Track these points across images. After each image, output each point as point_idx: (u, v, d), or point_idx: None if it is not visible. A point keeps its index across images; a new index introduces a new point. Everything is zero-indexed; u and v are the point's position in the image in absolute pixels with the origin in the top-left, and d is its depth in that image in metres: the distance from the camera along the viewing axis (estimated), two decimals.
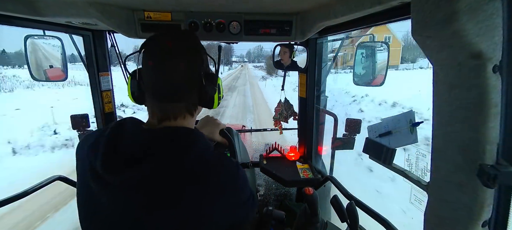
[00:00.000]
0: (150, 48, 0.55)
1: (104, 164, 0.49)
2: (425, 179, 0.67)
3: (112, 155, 0.50)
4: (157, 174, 0.47)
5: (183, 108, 0.57)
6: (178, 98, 0.56)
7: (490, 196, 0.45)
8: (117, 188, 0.48)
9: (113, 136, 0.53)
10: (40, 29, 1.03)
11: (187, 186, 0.48)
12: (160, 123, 0.56)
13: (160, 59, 0.53)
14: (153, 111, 0.57)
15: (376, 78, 1.12)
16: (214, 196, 0.50)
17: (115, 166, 0.48)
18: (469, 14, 0.39)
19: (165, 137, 0.52)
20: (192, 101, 0.59)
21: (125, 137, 0.52)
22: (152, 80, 0.55)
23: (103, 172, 0.49)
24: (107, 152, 0.50)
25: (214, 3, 0.89)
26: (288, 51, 1.28)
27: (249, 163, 1.49)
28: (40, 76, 1.11)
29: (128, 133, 0.53)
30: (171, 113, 0.56)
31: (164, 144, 0.50)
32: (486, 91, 0.42)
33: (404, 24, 0.68)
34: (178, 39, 0.55)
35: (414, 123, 0.70)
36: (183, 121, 0.58)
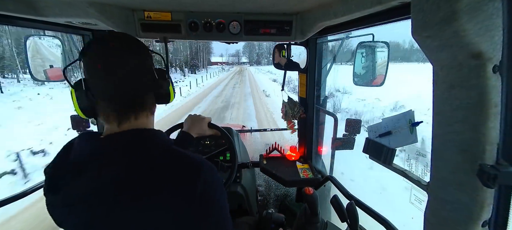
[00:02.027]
0: (94, 52, 0.50)
1: (47, 187, 0.50)
2: (419, 179, 0.67)
3: (56, 173, 0.50)
4: (108, 179, 0.45)
5: (143, 107, 0.54)
6: (135, 97, 0.53)
7: (490, 196, 0.45)
8: (65, 206, 0.47)
9: (61, 154, 0.52)
10: (40, 29, 1.04)
11: (140, 186, 0.45)
12: (120, 125, 0.52)
13: (108, 60, 0.49)
14: (109, 117, 0.52)
15: (376, 79, 1.12)
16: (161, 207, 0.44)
17: (58, 183, 0.48)
18: (469, 14, 0.39)
19: (115, 141, 0.49)
20: (150, 98, 0.57)
21: (73, 151, 0.51)
22: (103, 84, 0.50)
23: (48, 196, 0.49)
24: (51, 172, 0.50)
25: (214, 3, 0.89)
26: (277, 51, 1.28)
27: (249, 163, 1.49)
28: (40, 76, 1.11)
29: (76, 145, 0.51)
30: (132, 113, 0.52)
31: (111, 148, 0.48)
32: (486, 91, 0.42)
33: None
34: (119, 39, 0.52)
35: (413, 123, 0.70)
36: (145, 119, 0.55)
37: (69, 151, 0.51)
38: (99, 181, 0.45)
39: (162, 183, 0.45)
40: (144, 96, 0.55)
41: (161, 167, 0.47)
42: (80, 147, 0.50)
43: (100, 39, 0.52)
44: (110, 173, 0.45)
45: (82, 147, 0.50)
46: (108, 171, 0.45)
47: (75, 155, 0.50)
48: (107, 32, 0.89)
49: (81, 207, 0.46)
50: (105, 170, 0.45)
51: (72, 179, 0.46)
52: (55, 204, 0.50)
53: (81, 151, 0.49)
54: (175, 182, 0.46)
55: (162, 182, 0.46)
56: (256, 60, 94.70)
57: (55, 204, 0.50)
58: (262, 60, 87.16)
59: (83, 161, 0.47)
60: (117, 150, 0.47)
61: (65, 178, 0.47)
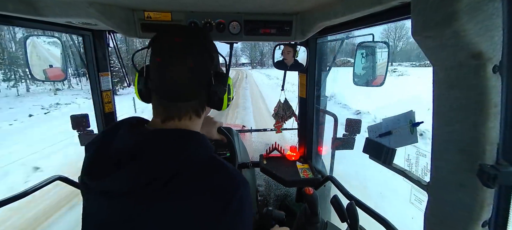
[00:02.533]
0: (158, 44, 0.52)
1: (87, 169, 0.48)
2: (419, 179, 0.67)
3: (99, 159, 0.48)
4: (141, 177, 0.44)
5: (189, 109, 0.54)
6: (184, 97, 0.53)
7: (490, 196, 0.45)
8: (101, 194, 0.47)
9: (106, 138, 0.51)
10: (40, 29, 1.04)
11: (170, 187, 0.44)
12: (164, 123, 0.53)
13: (168, 55, 0.51)
14: (157, 110, 0.54)
15: (376, 79, 1.12)
16: (195, 210, 0.44)
17: (99, 170, 0.46)
18: (469, 14, 0.39)
19: (159, 138, 0.49)
20: (200, 101, 0.56)
21: (118, 139, 0.50)
22: (158, 78, 0.52)
23: (86, 177, 0.48)
24: (93, 156, 0.49)
25: (214, 3, 0.89)
26: (292, 51, 1.28)
27: (249, 163, 1.49)
28: (40, 76, 1.11)
29: (121, 134, 0.50)
30: (176, 113, 0.53)
31: (155, 145, 0.47)
32: (486, 91, 0.42)
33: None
34: (187, 35, 0.53)
35: (414, 123, 0.70)
36: (188, 121, 0.55)
37: (113, 135, 0.50)
38: (140, 177, 0.44)
39: (200, 189, 0.45)
40: (194, 99, 0.54)
41: (201, 174, 0.47)
42: (126, 136, 0.50)
43: (168, 32, 0.53)
44: (152, 171, 0.44)
45: (127, 137, 0.50)
46: (150, 168, 0.45)
47: (120, 143, 0.49)
48: (179, 26, 0.85)
49: (118, 200, 0.45)
50: (147, 167, 0.45)
51: (113, 169, 0.45)
52: (90, 188, 0.48)
53: (126, 141, 0.49)
54: (213, 192, 0.45)
55: (200, 188, 0.45)
56: (260, 61, 72.03)
57: (90, 188, 0.49)
58: (267, 61, 64.56)
59: (126, 153, 0.46)
60: (162, 148, 0.47)
61: (107, 166, 0.46)
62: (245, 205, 0.48)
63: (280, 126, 1.57)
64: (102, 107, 1.35)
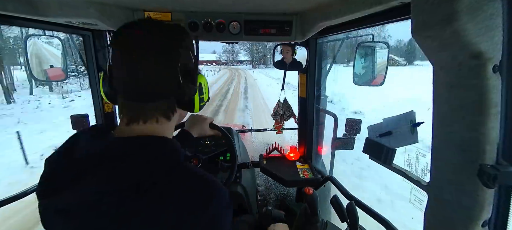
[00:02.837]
0: (119, 39, 0.47)
1: (40, 187, 0.45)
2: (419, 179, 0.67)
3: (53, 174, 0.45)
4: (109, 188, 0.40)
5: (156, 110, 0.49)
6: (148, 97, 0.48)
7: (490, 196, 0.45)
8: (56, 214, 0.43)
9: (63, 151, 0.47)
10: (40, 29, 1.04)
11: (135, 200, 0.40)
12: (128, 125, 0.48)
13: (128, 49, 0.46)
14: (121, 111, 0.50)
15: (376, 78, 1.12)
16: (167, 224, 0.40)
17: (54, 186, 0.43)
18: (469, 14, 0.39)
19: (121, 148, 0.44)
20: (167, 102, 0.50)
21: (77, 150, 0.45)
22: (121, 75, 0.47)
23: (39, 197, 0.45)
24: (47, 171, 0.46)
25: (214, 3, 0.89)
26: (290, 50, 1.29)
27: (249, 163, 1.49)
28: (41, 76, 1.11)
29: (83, 143, 0.46)
30: (141, 114, 0.48)
31: (116, 156, 0.43)
32: (486, 91, 0.42)
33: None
34: (151, 28, 0.48)
35: (414, 123, 0.70)
36: (155, 124, 0.49)
37: (73, 147, 0.46)
38: (102, 189, 0.41)
39: (170, 201, 0.41)
40: (159, 99, 0.49)
41: (170, 184, 0.43)
42: (87, 146, 0.46)
43: (130, 24, 0.48)
44: (114, 183, 0.41)
45: (88, 146, 0.45)
46: (112, 180, 0.41)
47: (80, 154, 0.45)
48: (146, 18, 0.79)
49: (77, 217, 0.41)
50: (110, 178, 0.41)
51: (72, 183, 0.42)
52: (47, 208, 0.45)
53: (87, 151, 0.45)
54: (186, 203, 0.42)
55: (171, 200, 0.41)
56: (261, 59, 62.81)
57: (47, 208, 0.45)
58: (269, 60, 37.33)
59: (86, 164, 0.43)
60: (125, 158, 0.43)
61: (64, 181, 0.43)
62: (223, 210, 0.45)
63: (280, 126, 1.58)
64: (102, 107, 1.35)
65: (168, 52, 0.48)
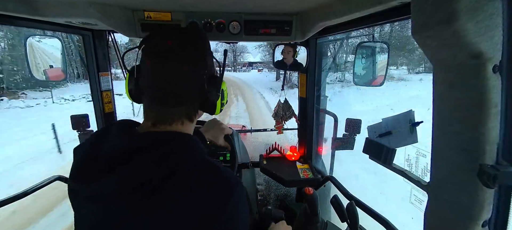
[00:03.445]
0: (149, 46, 0.51)
1: (74, 174, 0.47)
2: (419, 179, 0.67)
3: (87, 163, 0.47)
4: (132, 180, 0.43)
5: (181, 113, 0.53)
6: (175, 102, 0.52)
7: (490, 196, 0.45)
8: (88, 199, 0.45)
9: (94, 142, 0.49)
10: (40, 29, 1.04)
11: (161, 191, 0.43)
12: (154, 126, 0.52)
13: (159, 59, 0.49)
14: (148, 113, 0.53)
15: (376, 79, 1.12)
16: (189, 214, 0.43)
17: (87, 174, 0.45)
18: (469, 14, 0.39)
19: (150, 141, 0.47)
20: (192, 106, 0.54)
21: (107, 142, 0.48)
22: (149, 81, 0.51)
23: (73, 183, 0.47)
24: (81, 160, 0.48)
25: (214, 3, 0.89)
26: (292, 51, 1.29)
27: (249, 163, 1.49)
28: (40, 76, 1.11)
29: (111, 137, 0.49)
30: (167, 117, 0.51)
31: (146, 149, 0.45)
32: (486, 91, 0.42)
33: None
34: (180, 38, 0.51)
35: (413, 123, 0.70)
36: (180, 126, 0.53)
37: (104, 138, 0.49)
38: (130, 181, 0.43)
39: (194, 193, 0.44)
40: (185, 103, 0.53)
41: (194, 177, 0.45)
42: (116, 140, 0.48)
43: (161, 33, 0.51)
44: (142, 175, 0.43)
45: (118, 140, 0.48)
46: (140, 172, 0.43)
47: (110, 147, 0.47)
48: (171, 28, 0.80)
49: (107, 205, 0.44)
50: (138, 170, 0.43)
51: (103, 173, 0.44)
52: (79, 193, 0.47)
53: (117, 145, 0.47)
54: (207, 196, 0.44)
55: (194, 192, 0.44)
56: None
57: (79, 193, 0.48)
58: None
59: (116, 156, 0.45)
60: (153, 151, 0.45)
61: (96, 170, 0.45)
62: (240, 207, 0.47)
63: (280, 126, 1.58)
64: (102, 107, 1.35)
65: (197, 61, 0.52)
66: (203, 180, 0.46)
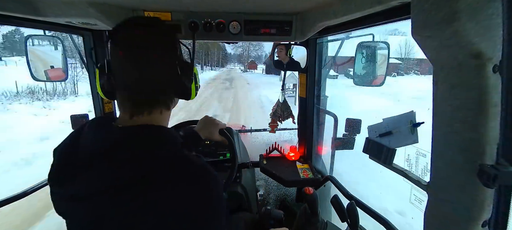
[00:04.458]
0: (119, 37, 0.50)
1: (52, 177, 0.48)
2: (419, 179, 0.67)
3: (63, 164, 0.47)
4: (115, 175, 0.43)
5: (159, 102, 0.53)
6: (152, 91, 0.52)
7: (490, 196, 0.45)
8: (70, 200, 0.45)
9: (69, 143, 0.50)
10: (40, 29, 1.04)
11: (139, 186, 0.43)
12: (132, 118, 0.51)
13: (132, 49, 0.49)
14: (124, 105, 0.52)
15: (376, 79, 1.12)
16: (168, 206, 0.43)
17: (65, 175, 0.45)
18: (469, 14, 0.39)
19: (129, 136, 0.47)
20: (169, 94, 0.55)
21: (83, 139, 0.48)
22: (124, 73, 0.50)
23: (52, 187, 0.47)
24: (57, 163, 0.48)
25: (214, 3, 0.89)
26: (284, 49, 1.29)
27: (249, 163, 1.49)
28: (41, 77, 1.11)
29: (87, 134, 0.49)
30: (146, 107, 0.51)
31: (125, 144, 0.46)
32: (486, 91, 0.42)
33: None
34: (149, 27, 0.51)
35: (414, 123, 0.70)
36: (158, 115, 0.53)
37: (79, 137, 0.49)
38: (109, 176, 0.43)
39: (167, 184, 0.44)
40: (162, 91, 0.53)
41: (172, 171, 0.46)
42: (92, 136, 0.48)
43: (128, 23, 0.51)
44: (121, 170, 0.44)
45: (94, 137, 0.48)
46: (118, 166, 0.44)
47: (86, 144, 0.47)
48: (140, 17, 0.83)
49: (88, 202, 0.44)
50: (116, 165, 0.44)
51: (81, 171, 0.44)
52: (60, 195, 0.48)
53: (93, 141, 0.47)
54: (179, 186, 0.45)
55: (167, 183, 0.44)
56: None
57: (60, 196, 0.48)
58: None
59: (93, 153, 0.45)
60: (130, 145, 0.46)
61: (74, 169, 0.45)
62: (214, 198, 0.48)
63: (274, 126, 1.58)
64: (102, 107, 1.35)
65: (168, 49, 0.53)
66: (181, 173, 0.46)
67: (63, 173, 0.47)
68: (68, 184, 0.45)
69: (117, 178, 0.43)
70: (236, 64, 73.47)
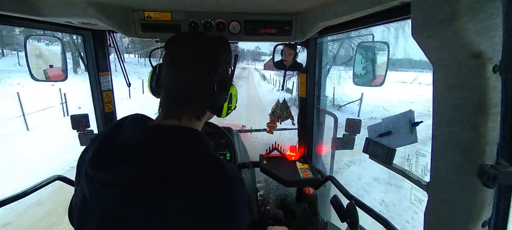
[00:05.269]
0: (169, 46, 0.57)
1: (92, 161, 0.49)
2: (419, 179, 0.67)
3: (104, 152, 0.50)
4: (145, 170, 0.46)
5: (189, 111, 0.57)
6: (185, 100, 0.56)
7: (490, 196, 0.45)
8: (104, 185, 0.47)
9: (111, 133, 0.52)
10: (40, 29, 1.04)
11: (171, 181, 0.45)
12: (164, 120, 0.56)
13: (175, 59, 0.55)
14: (162, 108, 0.58)
15: (376, 79, 1.12)
16: (195, 204, 0.45)
17: (104, 162, 0.48)
18: (469, 14, 0.39)
19: (162, 134, 0.51)
20: (201, 106, 0.58)
21: (123, 133, 0.52)
22: (165, 78, 0.57)
23: (90, 169, 0.49)
24: (98, 148, 0.50)
25: (214, 3, 0.89)
26: (293, 53, 1.28)
27: (249, 163, 1.49)
28: (40, 76, 1.11)
29: (126, 128, 0.53)
30: (177, 113, 0.56)
31: (159, 140, 0.49)
32: (486, 91, 0.42)
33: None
34: (197, 42, 0.57)
35: (413, 123, 0.70)
36: (188, 122, 0.57)
37: (118, 130, 0.53)
38: (141, 169, 0.46)
39: (200, 185, 0.46)
40: (193, 102, 0.57)
41: (202, 170, 0.48)
42: (130, 131, 0.52)
43: (182, 35, 0.58)
44: (152, 164, 0.46)
45: (131, 132, 0.52)
46: (150, 161, 0.47)
47: (124, 138, 0.51)
48: (195, 32, 0.90)
49: (118, 190, 0.46)
50: (148, 160, 0.47)
51: (118, 161, 0.47)
52: (95, 180, 0.49)
53: (130, 136, 0.51)
54: (207, 189, 0.46)
55: (201, 184, 0.46)
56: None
57: (95, 179, 0.49)
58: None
59: (129, 147, 0.48)
60: (162, 143, 0.49)
61: (110, 158, 0.48)
62: (239, 203, 0.49)
63: (273, 126, 1.58)
64: (102, 107, 1.35)
65: (209, 65, 0.57)
66: (210, 173, 0.48)
67: (101, 160, 0.49)
68: (103, 170, 0.48)
69: (149, 172, 0.46)
70: (249, 63, 62.13)
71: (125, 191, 0.46)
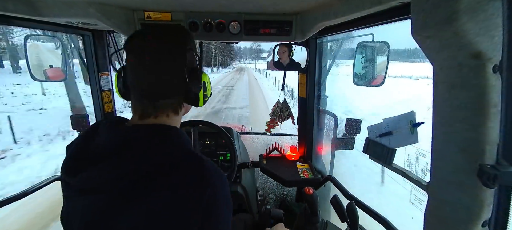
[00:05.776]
0: (131, 45, 0.54)
1: (66, 167, 0.49)
2: (419, 179, 0.67)
3: (78, 157, 0.49)
4: (124, 173, 0.45)
5: (165, 106, 0.55)
6: (158, 96, 0.54)
7: (490, 196, 0.45)
8: (81, 191, 0.47)
9: (85, 137, 0.52)
10: (40, 29, 1.04)
11: (150, 182, 0.44)
12: (141, 119, 0.54)
13: (139, 56, 0.53)
14: (135, 108, 0.55)
15: (376, 79, 1.12)
16: (174, 203, 0.44)
17: (78, 167, 0.47)
18: (469, 14, 0.39)
19: (140, 133, 0.50)
20: (176, 99, 0.57)
21: (97, 136, 0.51)
22: (133, 77, 0.55)
23: (66, 176, 0.49)
24: (72, 154, 0.50)
25: (214, 3, 0.89)
26: (287, 50, 1.29)
27: (249, 163, 1.49)
28: (40, 76, 1.11)
29: (101, 132, 0.52)
30: (152, 110, 0.54)
31: (137, 140, 0.48)
32: (486, 91, 0.42)
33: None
34: (159, 34, 0.55)
35: (414, 123, 0.70)
36: (165, 118, 0.56)
37: (95, 133, 0.52)
38: (117, 172, 0.45)
39: (173, 182, 0.45)
40: (169, 97, 0.55)
41: (180, 168, 0.47)
42: (105, 133, 0.51)
43: (140, 32, 0.55)
44: (128, 166, 0.45)
45: (107, 134, 0.51)
46: (126, 163, 0.46)
47: (99, 140, 0.50)
48: (154, 24, 0.87)
49: (95, 195, 0.46)
50: (124, 161, 0.46)
51: (91, 165, 0.46)
52: (70, 185, 0.49)
53: (105, 138, 0.50)
54: (185, 184, 0.46)
55: (173, 181, 0.46)
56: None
57: (70, 185, 0.49)
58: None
59: (106, 149, 0.48)
60: (138, 143, 0.48)
61: (85, 162, 0.47)
62: (218, 198, 0.48)
63: (272, 126, 1.58)
64: (102, 107, 1.35)
65: (176, 56, 0.55)
66: (188, 171, 0.47)
67: (75, 164, 0.49)
68: (77, 174, 0.47)
69: (125, 174, 0.45)
70: (248, 62, 53.01)
71: (102, 196, 0.45)
